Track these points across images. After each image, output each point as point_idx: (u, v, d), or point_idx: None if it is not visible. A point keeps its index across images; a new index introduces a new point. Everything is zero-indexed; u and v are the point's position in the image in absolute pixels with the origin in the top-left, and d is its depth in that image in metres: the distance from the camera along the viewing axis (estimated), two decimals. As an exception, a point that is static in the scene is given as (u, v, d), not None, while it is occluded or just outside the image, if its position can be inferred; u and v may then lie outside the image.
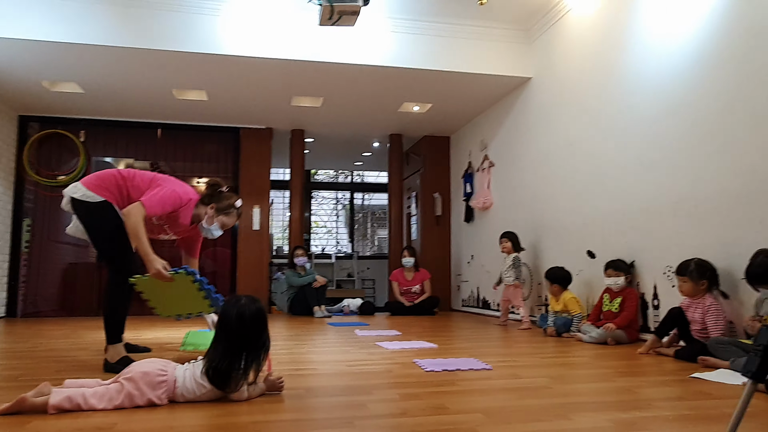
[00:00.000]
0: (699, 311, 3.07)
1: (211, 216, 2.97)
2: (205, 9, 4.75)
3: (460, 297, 7.13)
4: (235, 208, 3.02)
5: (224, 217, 3.00)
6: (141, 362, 1.96)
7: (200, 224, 3.00)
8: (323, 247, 10.62)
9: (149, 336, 4.12)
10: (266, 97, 5.96)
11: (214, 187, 3.03)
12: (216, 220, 2.99)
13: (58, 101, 6.01)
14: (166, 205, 2.76)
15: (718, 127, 3.24)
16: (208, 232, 3.03)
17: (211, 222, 2.99)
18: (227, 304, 2.06)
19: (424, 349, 3.37)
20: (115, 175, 2.85)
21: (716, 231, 3.23)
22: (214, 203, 2.97)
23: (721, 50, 3.24)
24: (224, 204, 3.00)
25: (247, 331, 1.98)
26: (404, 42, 5.13)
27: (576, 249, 4.57)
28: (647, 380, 2.46)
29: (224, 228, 3.05)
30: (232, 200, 3.01)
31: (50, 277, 6.36)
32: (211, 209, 2.96)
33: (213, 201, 2.97)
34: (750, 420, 1.74)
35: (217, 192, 3.01)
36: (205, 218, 2.98)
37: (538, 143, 5.26)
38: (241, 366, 1.95)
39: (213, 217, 2.97)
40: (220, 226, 3.02)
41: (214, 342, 2.00)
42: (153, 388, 1.87)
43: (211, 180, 3.07)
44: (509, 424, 1.68)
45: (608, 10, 4.31)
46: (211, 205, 2.96)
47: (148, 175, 2.92)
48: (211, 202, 2.97)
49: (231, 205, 3.01)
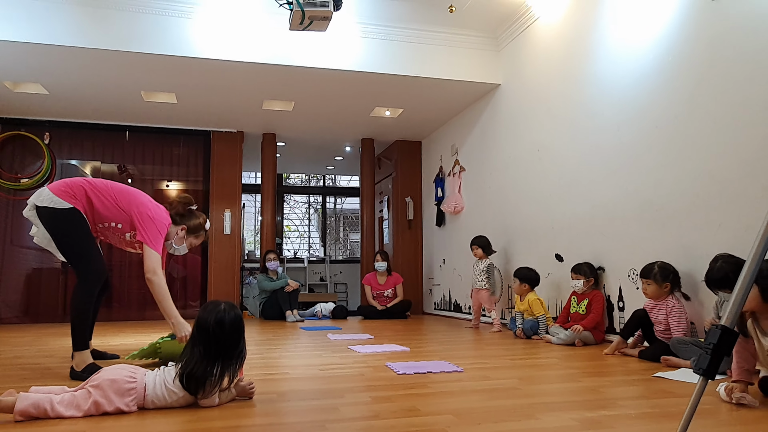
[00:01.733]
0: (662, 313, 3.17)
1: (181, 237, 3.02)
2: (175, 11, 4.70)
3: (432, 300, 7.18)
4: (204, 230, 3.09)
5: (193, 239, 3.07)
6: (109, 369, 1.92)
7: (169, 243, 3.01)
8: (295, 251, 10.57)
9: (116, 342, 4.05)
10: (237, 101, 5.92)
11: (186, 205, 3.04)
12: (186, 241, 3.05)
13: (22, 102, 5.86)
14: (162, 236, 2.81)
15: (678, 133, 3.36)
16: (175, 250, 3.06)
17: (180, 242, 3.04)
18: (206, 309, 2.02)
19: (396, 353, 3.39)
20: (84, 186, 2.79)
21: (677, 234, 3.33)
22: (185, 224, 3.01)
23: (681, 59, 3.35)
24: (195, 224, 3.05)
25: (226, 337, 1.96)
26: (375, 47, 5.16)
27: (545, 252, 4.66)
28: (612, 380, 2.53)
29: (191, 247, 3.11)
30: (201, 220, 3.07)
31: (13, 283, 6.19)
32: (182, 230, 3.01)
33: (184, 222, 3.01)
34: (705, 417, 1.82)
35: (188, 211, 3.04)
36: (175, 238, 3.00)
37: (507, 148, 5.35)
38: (216, 372, 1.93)
39: (183, 238, 3.03)
40: (188, 246, 3.09)
41: (191, 347, 1.97)
42: (121, 396, 1.84)
43: (183, 198, 3.06)
44: (479, 425, 1.71)
45: (574, 19, 4.42)
46: (182, 227, 3.00)
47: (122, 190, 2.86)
48: (182, 223, 3.00)
49: (201, 227, 3.07)
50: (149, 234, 2.75)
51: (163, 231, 2.81)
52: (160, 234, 2.79)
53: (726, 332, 1.25)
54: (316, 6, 3.69)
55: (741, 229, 2.91)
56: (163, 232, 2.81)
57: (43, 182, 6.32)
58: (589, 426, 1.70)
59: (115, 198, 2.82)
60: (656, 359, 2.98)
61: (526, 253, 4.98)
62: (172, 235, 2.98)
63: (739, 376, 2.01)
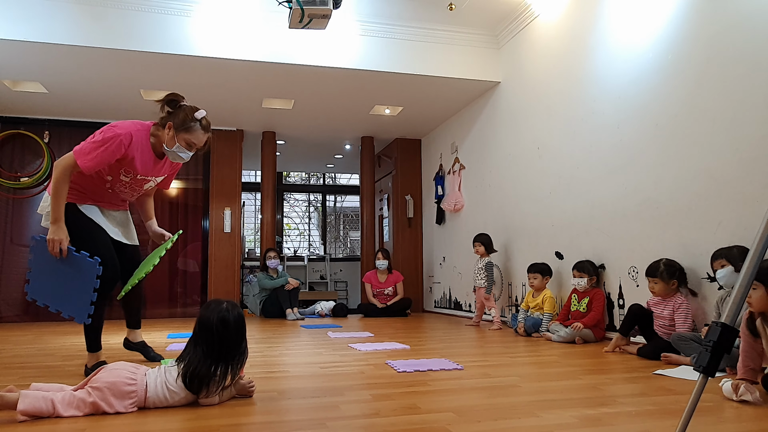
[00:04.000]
0: (668, 308, 3.15)
1: (171, 137, 2.56)
2: (175, 9, 4.70)
3: (432, 298, 7.19)
4: (195, 119, 2.56)
5: (186, 134, 2.56)
6: (109, 368, 1.89)
7: (165, 150, 2.62)
8: (295, 249, 10.58)
9: (116, 342, 4.04)
10: (237, 99, 5.91)
11: (171, 103, 2.60)
12: (177, 139, 2.56)
13: (21, 101, 5.86)
14: (101, 152, 2.43)
15: (678, 132, 3.36)
16: (174, 156, 2.61)
17: (172, 143, 2.57)
18: (208, 308, 2.00)
19: (396, 351, 3.39)
20: None
21: (677, 232, 3.33)
22: (170, 121, 2.56)
23: (681, 58, 3.35)
24: (182, 117, 2.55)
25: (229, 337, 1.95)
26: (375, 45, 5.16)
27: (545, 250, 4.66)
28: (613, 377, 2.53)
29: (192, 148, 2.61)
30: (188, 111, 2.57)
31: (13, 282, 6.18)
32: (168, 129, 2.56)
33: (170, 119, 2.57)
34: (706, 415, 1.82)
35: (175, 108, 2.59)
36: (166, 140, 2.58)
37: (507, 146, 5.34)
38: (219, 372, 1.92)
39: (173, 137, 2.56)
40: (186, 146, 2.59)
41: (193, 345, 1.95)
42: (121, 398, 1.82)
43: (168, 95, 2.62)
44: (479, 422, 1.72)
45: (574, 17, 4.41)
46: (168, 124, 2.56)
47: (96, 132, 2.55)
48: (167, 122, 2.57)
49: (188, 118, 2.55)
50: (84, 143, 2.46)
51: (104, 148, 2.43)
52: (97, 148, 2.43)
53: (726, 329, 1.25)
54: (316, 4, 3.68)
55: (740, 227, 2.91)
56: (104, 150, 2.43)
57: (43, 181, 6.33)
58: (589, 423, 1.70)
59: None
60: (655, 356, 2.98)
61: (526, 250, 4.98)
62: (161, 138, 2.59)
63: (745, 374, 2.01)
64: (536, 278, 4.41)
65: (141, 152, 2.57)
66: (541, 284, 4.40)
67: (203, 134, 2.60)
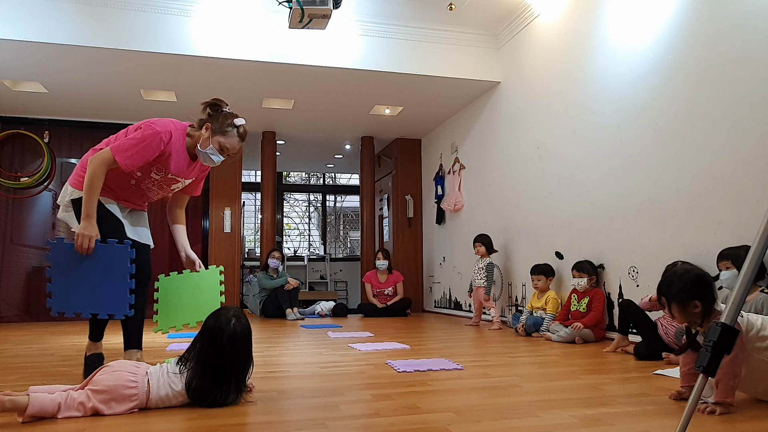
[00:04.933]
0: None
1: (206, 138, 2.53)
2: (175, 9, 4.70)
3: (432, 298, 7.19)
4: (234, 126, 2.54)
5: (221, 137, 2.53)
6: (110, 369, 1.84)
7: (197, 151, 2.58)
8: (295, 249, 10.58)
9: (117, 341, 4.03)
10: (237, 99, 5.90)
11: (214, 107, 2.58)
12: (212, 141, 2.53)
13: (21, 101, 5.86)
14: (141, 149, 2.41)
15: (678, 132, 3.36)
16: (205, 157, 2.56)
17: (206, 144, 2.53)
18: (216, 320, 1.93)
19: (396, 351, 3.39)
20: (89, 155, 2.52)
21: (677, 232, 3.34)
22: (209, 123, 2.54)
23: (681, 58, 3.35)
24: (220, 122, 2.53)
25: (238, 351, 1.91)
26: (375, 45, 5.16)
27: (545, 250, 4.66)
28: (613, 377, 2.53)
29: (224, 152, 2.56)
30: (230, 119, 2.55)
31: (14, 282, 6.18)
32: (205, 130, 2.53)
33: (208, 121, 2.55)
34: (706, 415, 1.81)
35: (216, 112, 2.57)
36: (201, 141, 2.54)
37: (507, 146, 5.34)
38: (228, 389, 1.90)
39: (208, 138, 2.53)
40: (219, 149, 2.54)
41: (201, 360, 1.88)
42: (122, 402, 1.80)
43: (211, 99, 2.60)
44: (479, 422, 1.72)
45: (574, 17, 4.41)
46: (206, 126, 2.54)
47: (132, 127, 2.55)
48: (205, 123, 2.56)
49: (229, 123, 2.53)
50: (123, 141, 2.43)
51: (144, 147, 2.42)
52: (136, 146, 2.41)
53: (726, 330, 1.25)
54: (316, 4, 3.68)
55: (740, 227, 2.91)
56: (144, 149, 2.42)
57: (43, 181, 6.33)
58: (589, 423, 1.70)
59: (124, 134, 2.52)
60: (650, 356, 2.99)
61: (526, 250, 4.98)
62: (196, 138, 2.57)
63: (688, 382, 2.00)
64: (540, 280, 4.41)
65: (177, 151, 2.54)
66: (545, 285, 4.40)
67: (238, 142, 2.57)
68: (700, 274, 1.91)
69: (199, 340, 1.93)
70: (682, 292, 1.85)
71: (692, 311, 1.85)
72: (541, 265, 4.45)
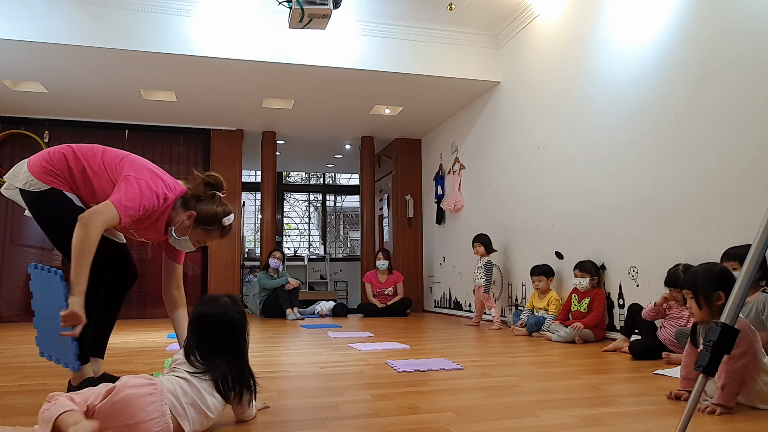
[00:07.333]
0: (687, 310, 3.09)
1: (186, 226, 2.20)
2: (175, 9, 4.70)
3: (432, 298, 7.19)
4: (220, 225, 2.22)
5: (203, 234, 2.22)
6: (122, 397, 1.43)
7: (170, 230, 2.23)
8: (295, 249, 10.58)
9: (117, 341, 4.05)
10: (237, 99, 5.91)
11: (210, 186, 2.23)
12: (191, 233, 2.21)
13: (21, 101, 5.86)
14: (142, 207, 2.08)
15: (678, 132, 3.36)
16: (176, 242, 2.25)
17: (183, 233, 2.21)
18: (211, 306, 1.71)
19: (396, 350, 3.40)
20: (66, 153, 2.19)
21: (677, 232, 3.34)
22: (196, 210, 2.19)
23: (681, 58, 3.35)
24: (208, 213, 2.19)
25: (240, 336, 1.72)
26: (375, 45, 5.16)
27: (545, 250, 4.66)
28: (613, 377, 2.53)
29: (198, 245, 2.28)
30: (219, 210, 2.21)
31: (13, 281, 6.18)
32: (189, 217, 2.18)
33: (197, 206, 2.20)
34: (706, 415, 1.82)
35: (209, 196, 2.23)
36: (178, 225, 2.20)
37: (507, 146, 5.34)
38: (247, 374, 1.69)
39: (188, 228, 2.20)
40: (194, 242, 2.25)
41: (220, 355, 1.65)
42: None
43: (210, 176, 2.25)
44: (479, 422, 1.72)
45: (574, 17, 4.41)
46: (190, 212, 2.18)
47: (116, 155, 2.21)
48: (193, 207, 2.20)
49: (215, 218, 2.20)
50: (125, 195, 2.03)
51: (144, 206, 2.07)
52: (139, 203, 2.05)
53: (726, 329, 1.25)
54: (316, 4, 3.68)
55: (740, 227, 2.91)
56: (144, 207, 2.07)
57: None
58: (589, 423, 1.70)
59: (104, 165, 2.16)
60: (645, 355, 2.99)
61: (526, 250, 4.98)
62: (176, 220, 2.20)
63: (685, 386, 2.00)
64: (541, 281, 4.41)
65: (157, 219, 2.20)
66: (546, 286, 4.40)
67: (219, 238, 2.30)
68: (724, 268, 2.00)
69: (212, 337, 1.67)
70: (708, 284, 1.93)
71: (716, 303, 1.90)
72: (541, 266, 4.45)
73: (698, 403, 1.40)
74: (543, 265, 4.46)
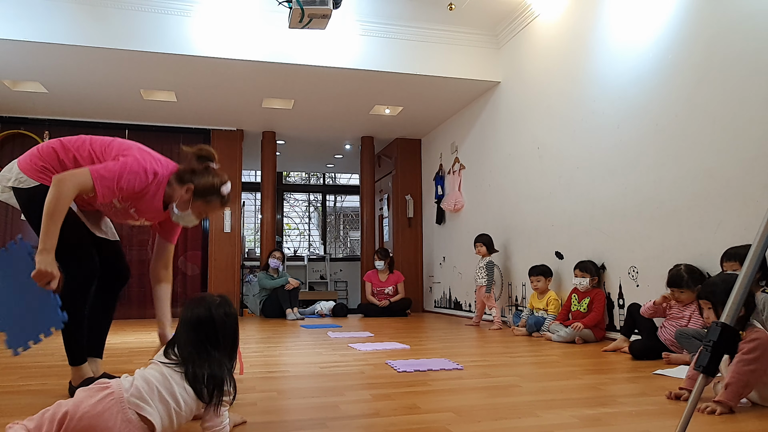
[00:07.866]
0: (689, 309, 3.07)
1: (186, 200, 2.18)
2: (175, 9, 4.70)
3: (432, 298, 7.19)
4: (219, 194, 2.20)
5: (203, 204, 2.20)
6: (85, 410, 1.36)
7: (171, 206, 2.23)
8: (295, 249, 10.58)
9: (116, 341, 4.05)
10: (237, 99, 5.91)
11: (202, 158, 2.22)
12: (192, 206, 2.20)
13: (21, 101, 5.86)
14: (123, 180, 2.05)
15: (678, 132, 3.36)
16: (179, 218, 2.24)
17: (184, 207, 2.20)
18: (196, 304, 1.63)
19: (396, 350, 3.39)
20: (55, 147, 2.17)
21: (677, 232, 3.33)
22: (193, 183, 2.17)
23: (681, 58, 3.35)
24: (205, 185, 2.17)
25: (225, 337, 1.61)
26: (375, 45, 5.16)
27: (545, 250, 4.66)
28: (613, 377, 2.53)
29: (200, 217, 2.27)
30: (216, 181, 2.19)
31: (13, 282, 6.18)
32: (187, 191, 2.17)
33: (193, 179, 2.17)
34: (705, 415, 1.81)
35: (204, 168, 2.20)
36: (178, 200, 2.20)
37: (507, 146, 5.34)
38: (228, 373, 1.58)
39: (188, 201, 2.19)
40: (196, 215, 2.23)
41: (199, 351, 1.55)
42: None
43: (200, 149, 2.23)
44: (479, 422, 1.72)
45: (574, 17, 4.41)
46: (188, 186, 2.16)
47: (104, 140, 2.21)
48: (189, 181, 2.17)
49: (213, 189, 2.19)
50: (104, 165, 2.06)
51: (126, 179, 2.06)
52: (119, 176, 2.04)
53: (726, 329, 1.25)
54: (316, 4, 3.68)
55: (740, 227, 2.91)
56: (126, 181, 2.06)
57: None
58: (589, 423, 1.70)
59: (93, 151, 2.17)
60: (644, 355, 2.99)
61: (526, 250, 4.98)
62: (175, 196, 2.20)
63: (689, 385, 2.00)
64: (539, 281, 4.41)
65: (153, 194, 2.19)
66: (544, 286, 4.40)
67: (220, 208, 2.27)
68: None
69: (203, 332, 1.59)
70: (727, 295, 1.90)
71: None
72: (539, 266, 4.46)
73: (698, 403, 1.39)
74: (541, 266, 4.46)
